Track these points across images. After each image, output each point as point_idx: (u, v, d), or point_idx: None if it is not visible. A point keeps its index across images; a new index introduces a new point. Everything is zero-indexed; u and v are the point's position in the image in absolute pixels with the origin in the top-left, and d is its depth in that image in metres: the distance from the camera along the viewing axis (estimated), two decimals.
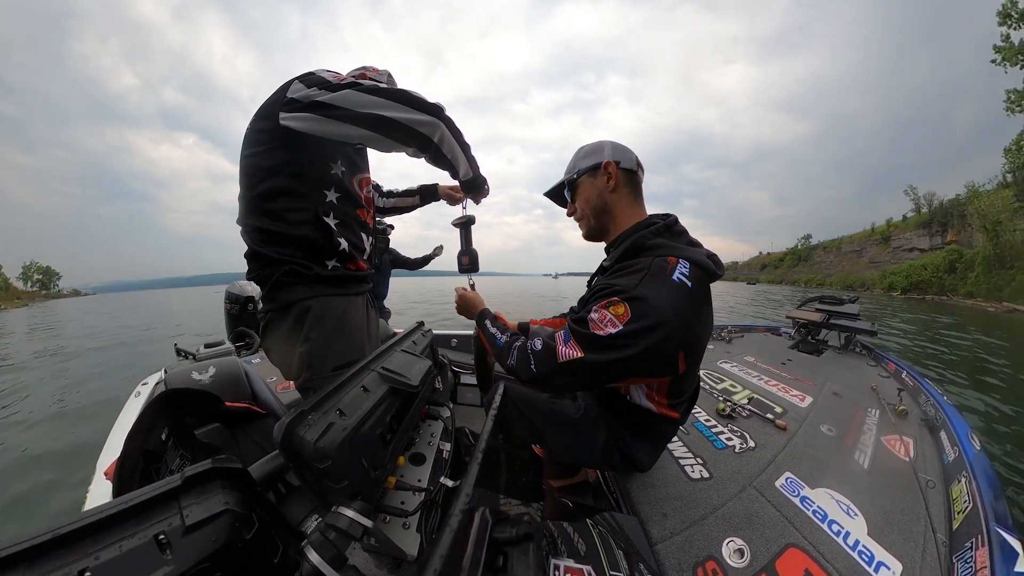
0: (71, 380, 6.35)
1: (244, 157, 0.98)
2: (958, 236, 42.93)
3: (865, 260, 66.79)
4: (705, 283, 0.88)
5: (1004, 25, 19.73)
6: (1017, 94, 19.88)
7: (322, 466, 0.53)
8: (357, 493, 0.56)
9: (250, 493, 0.46)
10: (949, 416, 1.91)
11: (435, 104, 0.89)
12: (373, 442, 0.65)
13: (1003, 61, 19.82)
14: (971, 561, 1.05)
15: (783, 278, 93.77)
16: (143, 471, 0.73)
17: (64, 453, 3.51)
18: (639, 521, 1.18)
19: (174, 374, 1.29)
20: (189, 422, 0.89)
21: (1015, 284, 22.36)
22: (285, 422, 0.53)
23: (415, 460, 0.88)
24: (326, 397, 0.62)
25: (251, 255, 0.99)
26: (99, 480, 1.22)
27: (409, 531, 0.66)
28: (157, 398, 0.84)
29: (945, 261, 33.02)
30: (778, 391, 2.35)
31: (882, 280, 42.41)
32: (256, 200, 0.96)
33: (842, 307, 3.80)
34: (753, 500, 1.31)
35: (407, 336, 1.11)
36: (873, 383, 2.61)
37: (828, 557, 1.08)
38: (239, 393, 1.23)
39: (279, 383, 2.40)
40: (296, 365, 1.01)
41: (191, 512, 0.39)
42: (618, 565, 0.81)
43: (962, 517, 1.25)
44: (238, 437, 0.96)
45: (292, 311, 0.98)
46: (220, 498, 0.41)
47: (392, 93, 0.85)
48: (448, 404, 1.19)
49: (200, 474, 0.42)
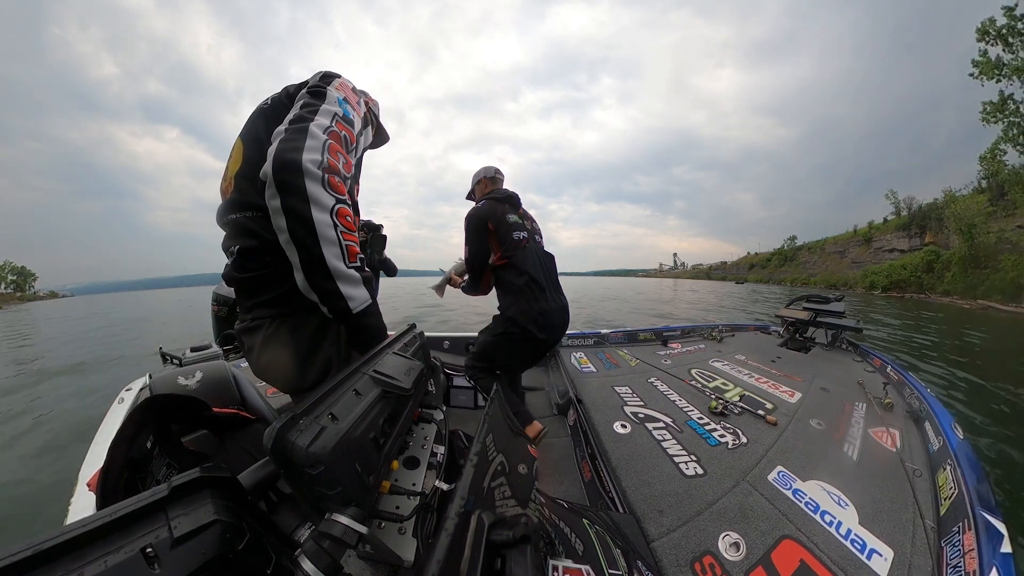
0: (44, 396, 5.99)
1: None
2: (935, 238, 45.38)
3: (848, 260, 69.46)
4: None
5: (982, 41, 21.52)
6: (992, 106, 21.75)
7: (315, 472, 0.51)
8: (351, 499, 0.55)
9: (240, 502, 0.45)
10: (933, 407, 1.97)
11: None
12: (366, 446, 0.64)
13: (980, 75, 21.70)
14: (959, 545, 1.08)
15: (770, 278, 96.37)
16: (128, 481, 0.71)
17: (44, 465, 3.40)
18: (635, 519, 1.19)
19: (159, 379, 1.26)
20: (175, 429, 0.87)
21: (988, 283, 24.08)
22: (276, 427, 0.51)
23: (409, 464, 0.87)
24: (318, 401, 0.61)
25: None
26: (81, 492, 1.18)
27: (405, 536, 0.65)
28: (141, 404, 0.81)
29: (923, 261, 34.81)
30: (768, 388, 2.39)
31: (864, 279, 44.43)
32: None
33: (828, 305, 3.91)
34: (747, 494, 1.33)
35: (399, 338, 1.10)
36: (859, 378, 2.67)
37: (822, 547, 1.10)
38: (227, 398, 1.20)
39: (269, 387, 2.36)
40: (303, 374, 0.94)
41: (179, 523, 0.37)
42: (616, 563, 0.81)
43: (948, 503, 1.30)
44: (227, 444, 0.93)
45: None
46: (209, 508, 0.40)
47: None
48: (441, 407, 1.18)
49: (188, 483, 0.41)
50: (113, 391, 1.99)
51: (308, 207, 0.69)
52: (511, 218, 1.83)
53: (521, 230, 1.84)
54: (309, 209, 0.69)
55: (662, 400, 2.15)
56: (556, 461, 1.83)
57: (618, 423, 1.83)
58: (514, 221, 1.84)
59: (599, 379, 2.55)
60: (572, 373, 2.66)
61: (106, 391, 5.19)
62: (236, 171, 0.87)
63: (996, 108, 21.79)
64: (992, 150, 22.97)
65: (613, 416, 1.92)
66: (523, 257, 1.79)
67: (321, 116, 0.76)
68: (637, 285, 48.78)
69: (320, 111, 0.77)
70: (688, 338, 3.89)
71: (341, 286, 0.76)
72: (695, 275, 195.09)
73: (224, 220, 0.90)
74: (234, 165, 0.89)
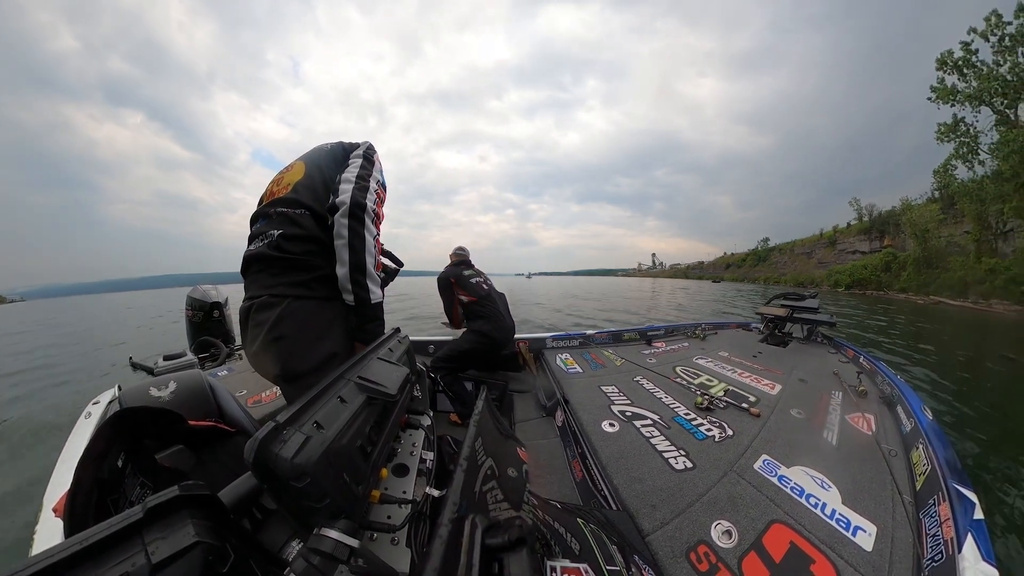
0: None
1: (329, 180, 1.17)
2: (893, 241, 49.98)
3: (815, 260, 74.16)
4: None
5: (941, 70, 24.87)
6: (946, 127, 24.88)
7: (300, 485, 0.49)
8: (340, 511, 0.52)
9: (222, 521, 0.42)
10: (904, 392, 2.08)
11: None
12: (354, 455, 0.61)
13: (937, 99, 24.89)
14: (936, 515, 1.15)
15: (745, 276, 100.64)
16: (98, 504, 0.66)
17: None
18: (629, 515, 1.20)
19: (129, 391, 1.18)
20: (148, 445, 0.81)
21: (939, 281, 26.92)
22: (257, 439, 0.48)
23: (398, 471, 0.85)
24: (301, 410, 0.58)
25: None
26: (47, 518, 1.09)
27: (399, 547, 0.63)
28: (110, 419, 0.76)
29: (882, 262, 38.48)
30: (751, 382, 2.45)
31: (829, 278, 48.19)
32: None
33: (804, 302, 4.10)
34: (735, 484, 1.36)
35: (383, 343, 1.08)
36: (835, 368, 2.77)
37: (809, 528, 1.15)
38: (204, 410, 1.14)
39: (249, 397, 2.27)
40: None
41: (157, 548, 0.35)
42: (613, 559, 0.81)
43: (923, 479, 1.38)
44: (205, 459, 0.88)
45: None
46: (189, 530, 0.38)
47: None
48: (428, 412, 1.16)
49: (164, 504, 0.38)
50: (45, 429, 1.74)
51: (363, 230, 1.07)
52: (467, 272, 2.81)
53: (477, 277, 2.82)
54: (363, 231, 1.07)
55: (649, 398, 2.18)
56: (547, 462, 1.83)
57: (606, 422, 1.84)
58: (469, 274, 2.80)
59: (586, 379, 2.56)
60: (559, 374, 2.67)
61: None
62: (297, 180, 1.16)
63: (949, 129, 24.90)
64: (945, 165, 25.97)
65: (601, 415, 1.93)
66: (485, 295, 2.73)
67: (372, 180, 1.15)
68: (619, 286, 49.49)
69: (372, 176, 1.16)
70: (672, 337, 3.95)
71: (369, 283, 1.10)
72: (673, 274, 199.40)
73: (270, 211, 1.14)
74: (294, 176, 1.18)
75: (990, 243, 27.09)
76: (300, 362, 1.06)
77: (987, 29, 23.10)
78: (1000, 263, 22.86)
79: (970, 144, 24.46)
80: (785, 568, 1.02)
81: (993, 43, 23.22)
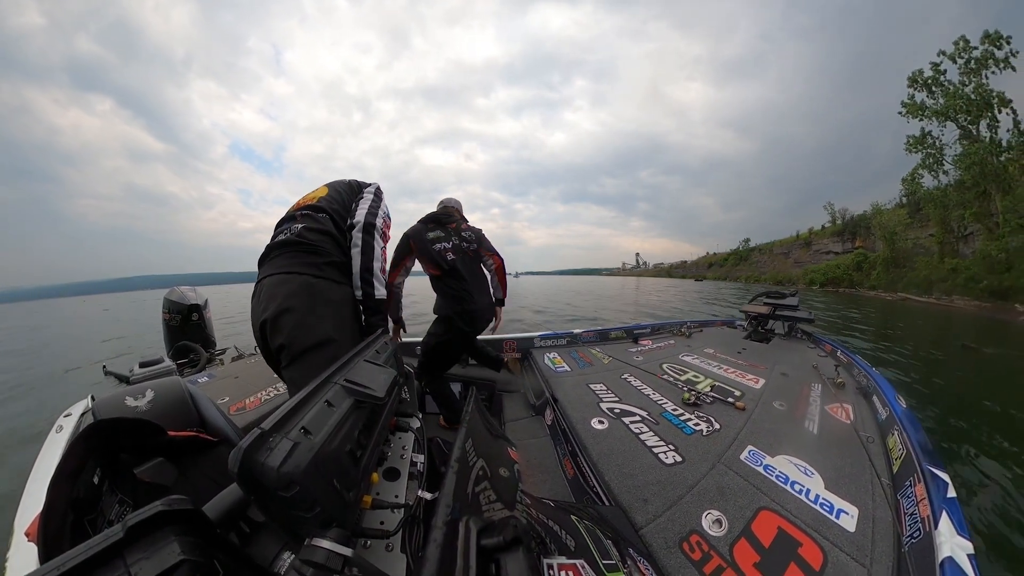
0: None
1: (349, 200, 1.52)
2: (864, 243, 53.00)
3: (791, 260, 77.62)
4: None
5: (912, 87, 27.42)
6: (914, 139, 27.48)
7: (289, 494, 0.48)
8: (332, 520, 0.51)
9: (208, 537, 0.41)
10: (878, 383, 2.17)
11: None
12: (343, 460, 0.60)
13: (907, 114, 27.54)
14: (912, 496, 1.22)
15: (727, 275, 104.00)
16: (74, 525, 0.62)
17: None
18: (622, 510, 1.21)
19: (103, 401, 1.13)
20: (126, 459, 0.77)
21: (906, 279, 28.98)
22: (242, 448, 0.47)
23: (389, 475, 0.84)
24: (287, 416, 0.56)
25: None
26: (19, 543, 0.99)
27: (393, 552, 0.62)
28: (84, 432, 0.71)
29: (854, 262, 40.95)
30: (736, 377, 2.51)
31: (804, 277, 51.25)
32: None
33: (785, 300, 4.27)
34: (723, 475, 1.40)
35: (369, 345, 1.06)
36: (814, 362, 2.87)
37: (795, 513, 1.19)
38: (184, 419, 1.10)
39: (232, 404, 2.19)
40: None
41: (140, 569, 0.33)
42: (609, 554, 0.81)
43: (899, 462, 1.45)
44: (187, 472, 0.85)
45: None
46: (174, 547, 0.36)
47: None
48: (417, 414, 1.14)
49: (146, 521, 0.36)
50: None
51: (373, 241, 1.38)
52: (431, 235, 2.10)
53: (444, 242, 2.10)
54: (373, 242, 1.38)
55: (637, 395, 2.20)
56: (538, 461, 1.83)
57: (595, 419, 1.86)
58: (434, 237, 2.10)
59: (574, 378, 2.57)
60: (546, 373, 2.68)
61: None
62: (321, 195, 1.48)
63: (917, 141, 27.39)
64: (912, 174, 28.40)
65: (590, 413, 1.94)
66: (449, 269, 2.08)
67: (381, 210, 1.48)
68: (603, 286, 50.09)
69: (380, 207, 1.49)
70: (658, 335, 4.01)
71: (374, 281, 1.37)
72: (656, 273, 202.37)
73: (296, 214, 1.41)
74: (320, 193, 1.50)
75: (952, 245, 29.22)
76: (306, 334, 1.19)
77: (955, 52, 25.21)
78: (961, 263, 24.60)
79: (936, 155, 26.84)
80: (774, 552, 1.05)
81: (960, 65, 25.34)
